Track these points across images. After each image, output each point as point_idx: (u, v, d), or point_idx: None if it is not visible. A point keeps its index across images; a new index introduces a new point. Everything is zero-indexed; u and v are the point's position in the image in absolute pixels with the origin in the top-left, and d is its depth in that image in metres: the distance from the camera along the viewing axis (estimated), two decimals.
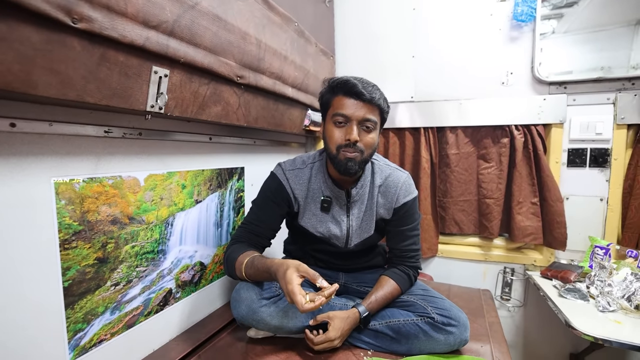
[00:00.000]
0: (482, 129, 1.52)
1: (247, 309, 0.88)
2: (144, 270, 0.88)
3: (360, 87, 0.88)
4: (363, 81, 0.91)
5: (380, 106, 0.92)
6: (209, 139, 1.08)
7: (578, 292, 1.17)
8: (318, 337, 0.89)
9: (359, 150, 0.91)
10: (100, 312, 0.77)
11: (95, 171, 0.75)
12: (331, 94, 0.94)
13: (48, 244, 0.66)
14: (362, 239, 1.06)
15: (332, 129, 0.92)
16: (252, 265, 0.88)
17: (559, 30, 1.47)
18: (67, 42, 0.54)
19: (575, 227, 1.40)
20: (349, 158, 0.90)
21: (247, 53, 0.97)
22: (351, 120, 0.90)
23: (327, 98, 0.95)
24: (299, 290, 0.74)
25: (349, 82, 0.89)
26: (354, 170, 0.92)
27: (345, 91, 0.90)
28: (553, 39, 1.45)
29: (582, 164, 1.39)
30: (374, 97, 0.89)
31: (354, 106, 0.89)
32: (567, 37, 1.46)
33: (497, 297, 1.54)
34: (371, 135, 0.92)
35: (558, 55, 1.44)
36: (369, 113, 0.90)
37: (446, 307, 0.95)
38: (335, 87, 0.92)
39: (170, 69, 0.75)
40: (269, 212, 1.03)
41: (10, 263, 0.61)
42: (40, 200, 0.65)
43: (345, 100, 0.90)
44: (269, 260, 0.85)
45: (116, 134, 0.78)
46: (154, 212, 0.90)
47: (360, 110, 0.89)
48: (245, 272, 0.88)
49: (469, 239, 1.63)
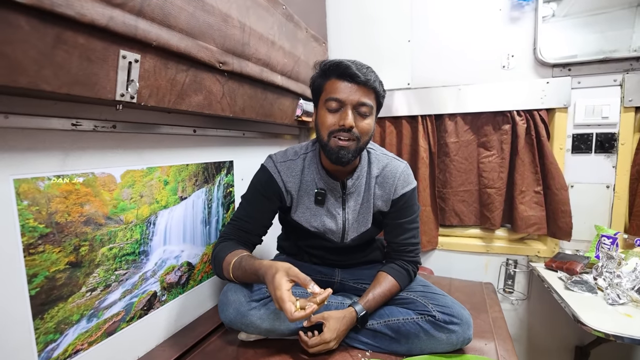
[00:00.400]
0: (482, 115, 1.45)
1: (236, 313, 0.82)
2: (125, 273, 0.82)
3: (354, 68, 0.82)
4: (357, 63, 0.84)
5: (376, 89, 0.85)
6: (193, 132, 1.01)
7: (585, 284, 1.12)
8: (312, 339, 0.84)
9: (354, 138, 0.85)
10: (75, 320, 0.71)
11: (62, 168, 0.68)
12: (323, 78, 0.87)
13: (9, 249, 0.60)
14: (359, 233, 1.00)
15: (324, 114, 0.86)
16: (239, 266, 0.82)
17: (559, 13, 1.40)
18: (11, 21, 0.47)
19: (580, 216, 1.34)
20: (341, 146, 0.84)
21: (230, 37, 0.90)
22: (345, 104, 0.83)
23: (318, 83, 0.89)
24: (288, 297, 0.68)
25: (342, 64, 0.83)
26: (346, 159, 0.86)
27: (338, 74, 0.84)
28: (552, 23, 1.38)
29: (587, 150, 1.33)
30: (370, 79, 0.83)
31: (348, 89, 0.83)
32: (567, 20, 1.40)
33: (500, 290, 1.49)
34: (367, 121, 0.86)
35: (559, 39, 1.37)
36: (365, 96, 0.84)
37: (448, 305, 0.90)
38: (328, 69, 0.86)
39: (142, 53, 0.68)
40: (260, 207, 0.97)
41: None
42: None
43: (339, 84, 0.83)
44: (258, 262, 0.79)
45: (86, 126, 0.71)
46: (134, 210, 0.84)
47: (355, 94, 0.83)
48: (232, 274, 0.83)
49: (470, 230, 1.57)
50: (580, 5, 1.38)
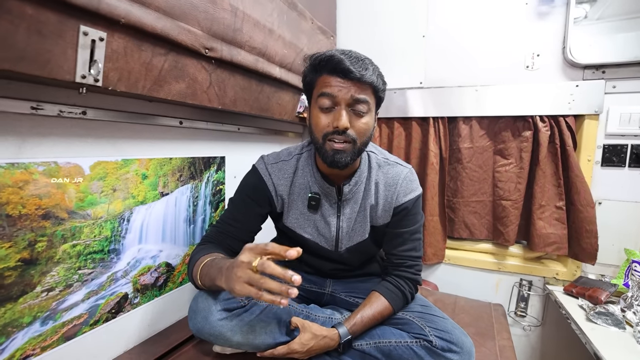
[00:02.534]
0: (501, 119, 1.32)
1: (204, 322, 0.73)
2: (90, 272, 0.76)
3: (347, 62, 0.72)
4: (351, 55, 0.74)
5: (373, 84, 0.75)
6: (179, 123, 0.94)
7: (611, 317, 0.98)
8: (280, 348, 0.77)
9: (350, 140, 0.75)
10: (26, 322, 0.65)
11: (18, 155, 0.62)
12: (315, 73, 0.78)
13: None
14: (353, 242, 0.91)
15: (317, 114, 0.77)
16: (207, 270, 0.72)
17: (592, 16, 1.27)
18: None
19: (608, 237, 1.20)
20: (336, 149, 0.75)
21: (218, 21, 0.82)
22: (339, 103, 0.74)
23: (310, 78, 0.80)
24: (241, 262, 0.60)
25: (334, 58, 0.73)
26: (343, 163, 0.76)
27: (330, 69, 0.74)
28: (584, 26, 1.25)
29: (620, 164, 1.18)
30: (365, 73, 0.73)
31: (341, 86, 0.73)
32: (601, 24, 1.27)
33: (511, 312, 1.35)
34: (364, 120, 0.76)
35: (591, 43, 1.23)
36: (360, 92, 0.74)
37: (447, 330, 0.79)
38: (319, 64, 0.76)
39: (108, 31, 0.61)
40: (246, 211, 0.88)
41: None
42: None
43: (331, 80, 0.74)
44: (226, 261, 0.68)
45: (49, 111, 0.65)
46: (104, 205, 0.78)
47: (349, 91, 0.73)
48: (200, 279, 0.74)
49: (480, 245, 1.44)
50: (616, 8, 1.25)
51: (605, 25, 1.26)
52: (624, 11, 1.23)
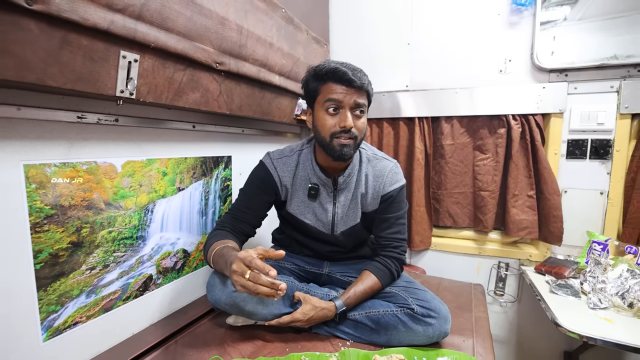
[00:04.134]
0: (479, 118, 1.47)
1: (221, 294, 0.88)
2: (122, 255, 0.89)
3: (350, 74, 0.88)
4: (351, 67, 0.91)
5: (368, 91, 0.94)
6: (192, 127, 1.08)
7: (570, 289, 1.13)
8: (284, 318, 0.92)
9: (354, 137, 0.92)
10: (75, 295, 0.79)
11: (67, 156, 0.76)
12: (319, 82, 0.93)
13: (18, 226, 0.67)
14: (347, 226, 1.05)
15: (324, 116, 0.92)
16: (219, 255, 0.85)
17: (573, 17, 1.38)
18: (22, 24, 0.54)
19: (573, 222, 1.35)
20: (343, 144, 0.91)
21: (227, 39, 0.95)
22: (344, 107, 0.91)
23: (314, 86, 0.95)
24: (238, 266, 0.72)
25: (339, 70, 0.89)
26: (348, 156, 0.93)
27: (336, 79, 0.90)
28: (565, 27, 1.36)
29: (582, 156, 1.33)
30: (364, 83, 0.91)
31: (345, 92, 0.90)
32: (581, 24, 1.36)
33: (490, 292, 1.50)
34: (362, 120, 0.94)
35: (571, 43, 1.35)
36: (360, 98, 0.91)
37: (427, 299, 0.94)
38: (325, 74, 0.91)
39: (140, 53, 0.74)
40: (256, 199, 1.03)
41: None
42: (9, 184, 0.66)
43: (337, 87, 0.90)
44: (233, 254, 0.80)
45: (90, 119, 0.78)
46: (133, 198, 0.91)
47: (352, 97, 0.90)
48: (212, 261, 0.88)
49: (463, 232, 1.59)
50: (597, 8, 1.33)
51: (587, 26, 1.34)
52: (605, 12, 1.32)
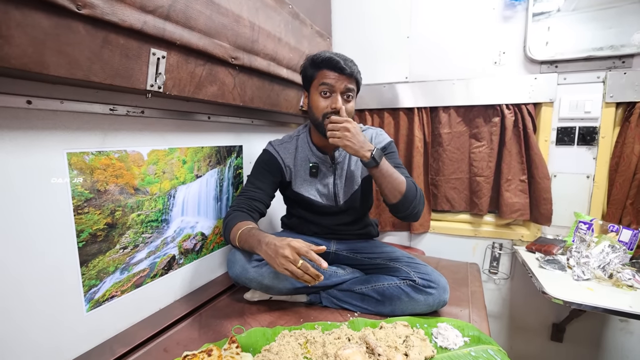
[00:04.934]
0: (474, 108, 1.55)
1: (241, 269, 0.97)
2: (149, 236, 0.97)
3: (342, 63, 1.00)
4: (343, 57, 1.03)
5: (357, 78, 1.05)
6: (207, 118, 1.15)
7: (557, 263, 1.23)
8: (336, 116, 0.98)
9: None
10: (111, 271, 0.87)
11: (102, 145, 0.83)
12: (315, 69, 1.05)
13: (64, 208, 0.75)
14: (348, 195, 1.17)
15: (318, 99, 1.05)
16: (247, 236, 0.93)
17: (567, 7, 1.41)
18: (73, 27, 0.61)
19: (562, 204, 1.45)
20: None
21: (241, 35, 1.02)
22: (335, 91, 1.02)
23: (311, 72, 1.06)
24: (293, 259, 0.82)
25: (333, 59, 1.01)
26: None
27: (329, 66, 1.02)
28: (559, 18, 1.40)
29: (570, 142, 1.42)
30: (353, 71, 1.03)
31: (337, 78, 1.02)
32: (575, 15, 1.40)
33: (485, 270, 1.61)
34: (351, 104, 1.06)
35: (564, 34, 1.40)
36: (349, 83, 1.03)
37: (428, 272, 1.03)
38: (320, 62, 1.03)
39: (168, 50, 0.81)
40: (264, 179, 1.13)
41: (32, 225, 0.70)
42: (55, 170, 0.73)
43: (330, 74, 1.02)
44: (264, 235, 0.90)
45: (120, 111, 0.85)
46: (157, 184, 0.99)
47: (343, 82, 1.02)
48: (238, 242, 0.96)
49: (460, 215, 1.69)
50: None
51: (579, 16, 1.38)
52: (597, 2, 1.36)
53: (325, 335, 0.89)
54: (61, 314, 0.76)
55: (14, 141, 0.66)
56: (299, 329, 0.92)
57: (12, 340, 0.68)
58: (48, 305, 0.74)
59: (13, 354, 0.68)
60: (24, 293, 0.69)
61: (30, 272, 0.70)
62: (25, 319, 0.70)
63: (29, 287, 0.70)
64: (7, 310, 0.67)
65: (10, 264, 0.67)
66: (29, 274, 0.70)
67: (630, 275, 1.08)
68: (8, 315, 0.67)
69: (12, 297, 0.67)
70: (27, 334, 0.70)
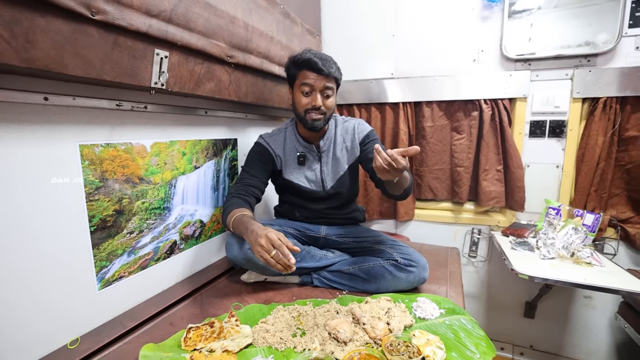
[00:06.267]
0: (455, 103, 1.65)
1: (238, 251, 1.06)
2: (153, 223, 1.05)
3: (320, 64, 1.10)
4: (322, 57, 1.12)
5: (335, 77, 1.16)
6: (204, 113, 1.22)
7: (527, 245, 1.35)
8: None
9: (322, 112, 1.16)
10: (119, 254, 0.95)
11: (110, 138, 0.90)
12: (297, 69, 1.16)
13: (77, 196, 0.83)
14: (335, 180, 1.27)
15: (300, 97, 1.16)
16: (238, 223, 1.01)
17: (549, 5, 1.48)
18: (88, 31, 0.69)
19: (534, 192, 1.57)
20: (314, 119, 1.16)
21: (236, 35, 1.10)
22: (315, 90, 1.14)
23: (293, 72, 1.18)
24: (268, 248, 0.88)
25: (312, 61, 1.11)
26: (319, 127, 1.18)
27: (309, 67, 1.12)
28: (541, 15, 1.47)
29: (541, 135, 1.54)
30: (331, 71, 1.13)
31: (316, 78, 1.13)
32: (556, 12, 1.47)
33: (465, 254, 1.73)
34: (330, 100, 1.17)
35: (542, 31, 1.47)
36: (328, 82, 1.14)
37: (409, 252, 1.14)
38: (301, 63, 1.14)
39: (170, 51, 0.89)
40: (257, 167, 1.23)
41: (51, 210, 0.77)
42: (70, 160, 0.81)
43: (309, 74, 1.13)
44: (252, 223, 0.97)
45: (126, 107, 0.93)
46: (159, 174, 1.07)
47: (322, 82, 1.13)
48: (232, 227, 1.04)
49: (442, 204, 1.80)
50: None
51: (560, 14, 1.45)
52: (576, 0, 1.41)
53: (316, 309, 0.99)
54: (76, 292, 0.84)
55: (34, 134, 0.73)
56: (292, 305, 1.02)
57: (34, 314, 0.76)
58: (65, 282, 0.82)
59: (35, 328, 0.76)
60: (43, 271, 0.77)
61: (49, 253, 0.78)
62: (45, 295, 0.78)
63: (48, 265, 0.78)
64: (29, 288, 0.75)
65: (32, 244, 0.75)
66: (48, 254, 0.78)
67: (589, 253, 1.21)
68: (30, 292, 0.75)
69: (34, 276, 0.75)
70: (47, 309, 0.78)
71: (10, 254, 0.71)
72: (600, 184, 1.45)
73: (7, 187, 0.70)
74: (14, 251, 0.72)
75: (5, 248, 0.70)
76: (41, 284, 0.77)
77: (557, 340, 1.63)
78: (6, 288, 0.71)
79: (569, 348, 1.62)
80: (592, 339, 1.57)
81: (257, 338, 0.85)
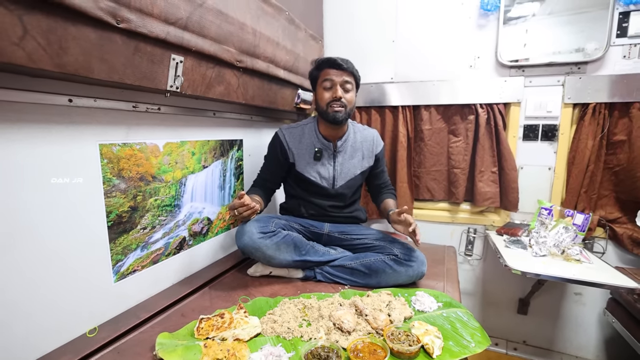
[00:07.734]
0: (452, 107, 1.71)
1: (248, 240, 1.12)
2: (164, 219, 1.10)
3: (339, 60, 1.22)
4: (340, 57, 1.23)
5: (354, 73, 1.26)
6: (213, 114, 1.27)
7: (520, 243, 1.41)
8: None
9: (343, 105, 1.24)
10: (134, 248, 1.00)
11: (126, 138, 0.95)
12: (318, 70, 1.27)
13: (96, 192, 0.87)
14: (346, 180, 1.34)
15: (322, 92, 1.26)
16: None
17: (543, 12, 1.54)
18: (112, 38, 0.74)
19: (527, 193, 1.63)
20: (336, 111, 1.23)
21: (245, 41, 1.15)
22: (335, 84, 1.23)
23: (315, 74, 1.28)
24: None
25: (331, 59, 1.23)
26: (340, 119, 1.25)
27: (329, 65, 1.23)
28: (535, 22, 1.53)
29: (534, 138, 1.61)
30: (349, 66, 1.24)
31: (336, 73, 1.23)
32: (550, 18, 1.53)
33: (461, 253, 1.79)
34: (350, 94, 1.26)
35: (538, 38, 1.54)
36: (347, 77, 1.24)
37: (408, 248, 1.20)
38: (321, 63, 1.25)
39: (184, 56, 0.94)
40: (274, 163, 1.36)
41: (73, 205, 0.82)
42: (90, 159, 0.85)
43: (330, 70, 1.24)
44: None
45: (141, 108, 0.98)
46: (171, 173, 1.11)
47: (341, 76, 1.23)
48: None
49: (439, 204, 1.86)
50: (566, 3, 1.50)
51: (555, 20, 1.50)
52: (573, 7, 1.48)
53: (321, 302, 1.04)
54: (94, 284, 0.89)
55: (60, 133, 0.78)
56: (297, 298, 1.07)
57: (57, 303, 0.81)
58: (85, 274, 0.86)
59: (57, 316, 0.81)
60: (64, 263, 0.82)
61: (70, 245, 0.82)
62: (67, 285, 0.82)
63: (69, 257, 0.82)
64: (51, 277, 0.79)
65: (54, 237, 0.79)
66: (69, 246, 0.82)
67: (578, 251, 1.27)
68: (52, 281, 0.79)
69: (56, 266, 0.80)
70: (69, 299, 0.83)
71: (41, 246, 0.76)
72: (590, 186, 1.51)
73: (37, 184, 0.74)
74: (42, 243, 0.76)
75: (37, 239, 0.75)
76: (64, 275, 0.81)
77: (549, 336, 1.70)
78: (36, 277, 0.75)
79: (560, 343, 1.68)
80: (582, 334, 1.64)
81: (266, 328, 0.90)
